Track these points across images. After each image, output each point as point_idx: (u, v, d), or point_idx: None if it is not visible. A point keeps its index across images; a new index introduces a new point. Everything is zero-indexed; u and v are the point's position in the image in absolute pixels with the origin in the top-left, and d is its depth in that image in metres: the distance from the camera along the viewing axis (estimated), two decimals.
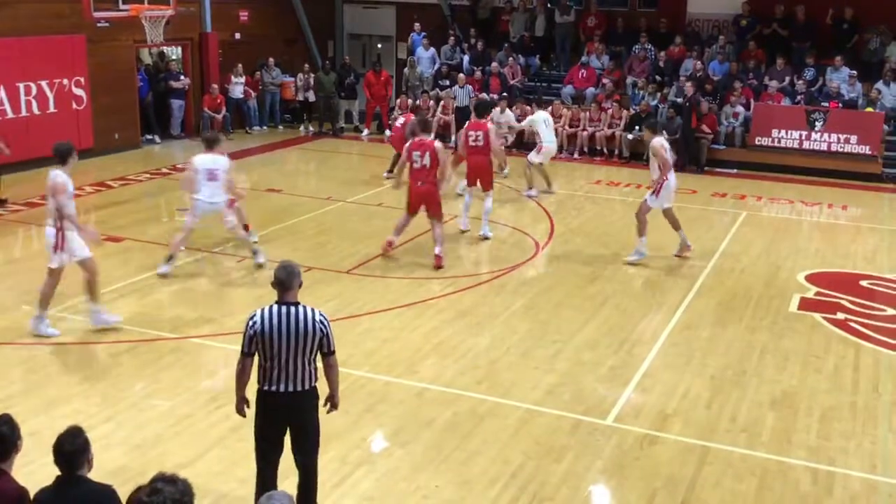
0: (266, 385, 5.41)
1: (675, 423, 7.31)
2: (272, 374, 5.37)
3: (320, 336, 5.40)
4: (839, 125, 17.43)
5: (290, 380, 5.37)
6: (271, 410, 5.47)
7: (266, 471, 5.61)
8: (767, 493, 6.34)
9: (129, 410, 7.29)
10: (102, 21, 16.28)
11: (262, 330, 5.31)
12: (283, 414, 5.48)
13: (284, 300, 5.40)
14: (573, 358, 8.54)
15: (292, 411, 5.49)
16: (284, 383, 5.37)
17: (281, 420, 5.51)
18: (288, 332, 5.31)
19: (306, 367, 5.40)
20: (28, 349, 8.44)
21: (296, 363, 5.35)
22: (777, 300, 10.32)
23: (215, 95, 19.55)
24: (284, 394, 5.39)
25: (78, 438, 4.31)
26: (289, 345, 5.31)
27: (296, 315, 5.34)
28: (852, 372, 8.46)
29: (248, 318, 5.42)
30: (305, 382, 5.42)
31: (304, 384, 5.42)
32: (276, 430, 5.54)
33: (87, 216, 13.37)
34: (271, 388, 5.39)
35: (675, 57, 19.73)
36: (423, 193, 11.15)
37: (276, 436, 5.56)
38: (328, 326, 5.46)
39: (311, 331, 5.36)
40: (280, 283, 5.41)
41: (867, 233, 13.75)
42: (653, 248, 12.27)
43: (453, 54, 21.57)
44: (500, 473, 6.46)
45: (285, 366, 5.34)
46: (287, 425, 5.54)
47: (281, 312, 5.34)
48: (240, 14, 20.82)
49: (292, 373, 5.36)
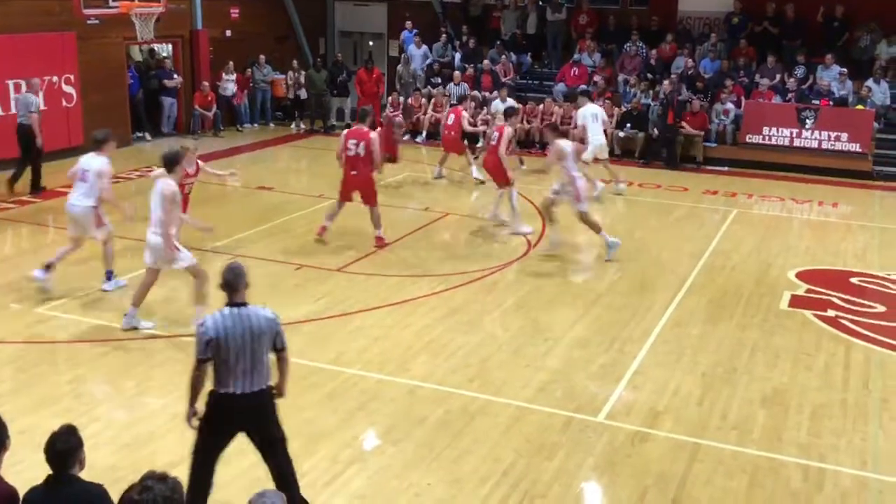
0: (222, 388, 5.34)
1: (666, 421, 7.32)
2: (228, 377, 5.31)
3: (273, 333, 5.40)
4: (830, 123, 17.48)
5: (248, 381, 5.34)
6: (228, 412, 5.40)
7: (201, 472, 5.48)
8: (758, 490, 6.36)
9: (119, 409, 7.28)
10: (92, 18, 16.22)
11: (217, 334, 5.26)
12: (240, 416, 5.42)
13: (233, 301, 5.38)
14: (564, 356, 8.55)
15: (250, 413, 5.43)
16: (241, 385, 5.33)
17: (237, 422, 5.45)
18: (242, 332, 5.28)
19: (262, 366, 5.38)
20: (17, 348, 8.41)
21: (252, 363, 5.32)
22: (768, 298, 10.34)
23: (206, 93, 19.49)
24: (242, 395, 5.34)
25: (71, 437, 4.29)
26: (244, 345, 5.28)
27: (248, 315, 5.33)
28: (843, 369, 8.48)
29: (197, 325, 5.38)
30: (262, 382, 5.41)
31: (261, 384, 5.41)
32: (230, 432, 5.49)
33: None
34: (228, 390, 5.33)
35: (667, 55, 19.77)
36: (355, 181, 11.42)
37: (226, 438, 5.50)
38: (279, 323, 5.46)
39: (265, 329, 5.36)
40: (227, 284, 5.39)
41: (857, 230, 13.79)
42: (645, 246, 12.30)
43: (445, 52, 21.57)
44: (492, 471, 6.46)
45: (242, 367, 5.30)
46: (242, 428, 5.47)
47: (233, 314, 5.32)
48: (231, 11, 20.77)
49: (249, 373, 5.33)
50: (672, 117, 17.65)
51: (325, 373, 7.99)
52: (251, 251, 11.40)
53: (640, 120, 18.26)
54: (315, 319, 9.26)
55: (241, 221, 12.71)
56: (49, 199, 13.64)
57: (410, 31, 21.73)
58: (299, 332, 8.94)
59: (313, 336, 8.85)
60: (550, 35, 21.20)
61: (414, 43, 21.33)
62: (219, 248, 11.47)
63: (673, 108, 17.73)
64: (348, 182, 11.56)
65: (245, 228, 12.34)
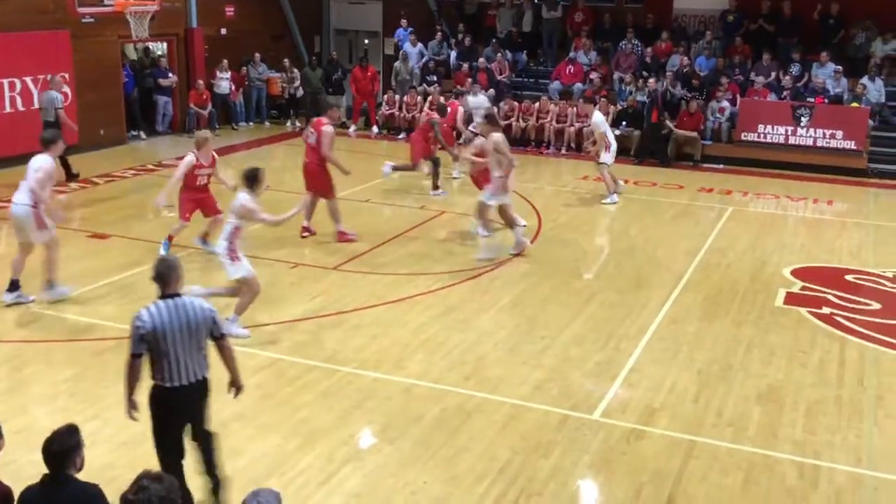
0: (168, 381, 5.39)
1: (661, 418, 7.33)
2: (172, 370, 5.37)
3: (210, 322, 5.45)
4: (825, 120, 17.50)
5: (191, 371, 5.42)
6: (177, 405, 5.48)
7: (175, 464, 5.55)
8: (753, 487, 6.37)
9: (114, 408, 7.22)
10: (87, 16, 16.17)
11: (154, 327, 5.30)
12: (187, 406, 5.53)
13: (166, 294, 5.42)
14: (560, 353, 8.56)
15: (194, 402, 5.54)
16: (186, 376, 5.41)
17: (186, 413, 5.55)
18: (180, 323, 5.34)
19: (201, 356, 5.47)
20: (12, 347, 8.39)
21: (193, 353, 5.40)
22: (763, 295, 10.36)
23: (201, 91, 19.46)
24: (187, 386, 5.43)
25: (70, 438, 4.30)
26: (183, 336, 5.34)
27: (183, 306, 5.39)
28: (838, 366, 8.50)
29: (133, 319, 5.38)
30: (203, 371, 5.50)
31: (202, 373, 5.50)
32: (182, 423, 5.58)
33: (73, 212, 13.32)
34: (175, 383, 5.39)
35: (662, 53, 19.78)
36: (305, 170, 11.85)
37: (181, 429, 5.59)
38: (215, 311, 5.52)
39: (202, 318, 5.41)
40: (160, 277, 5.45)
41: (852, 228, 13.82)
42: (640, 244, 12.32)
43: (440, 50, 21.56)
44: (488, 469, 6.46)
45: (184, 358, 5.37)
46: (190, 417, 5.59)
47: (168, 306, 5.36)
48: (226, 9, 20.73)
49: (192, 364, 5.41)
50: (657, 115, 17.72)
51: (320, 371, 7.99)
52: (247, 250, 11.32)
53: (636, 118, 18.28)
54: (311, 318, 9.26)
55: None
56: None
57: (405, 29, 21.72)
58: (295, 330, 8.94)
59: (309, 334, 8.85)
60: (546, 33, 21.19)
61: (409, 41, 21.31)
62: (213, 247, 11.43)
63: (658, 105, 17.81)
64: (303, 171, 11.94)
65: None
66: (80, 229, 12.16)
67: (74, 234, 11.79)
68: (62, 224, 9.45)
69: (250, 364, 8.10)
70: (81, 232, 12.02)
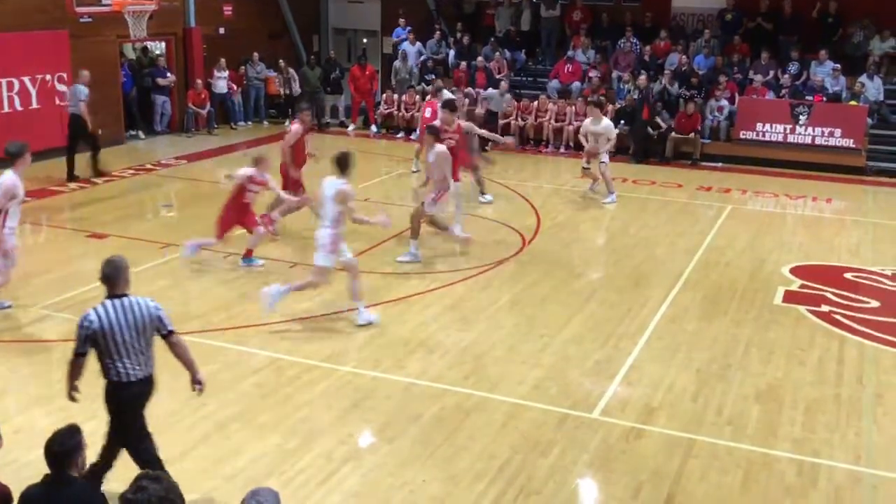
0: (122, 378, 5.51)
1: (660, 417, 7.33)
2: (124, 367, 5.48)
3: (157, 319, 5.56)
4: (823, 119, 17.51)
5: (142, 366, 5.55)
6: (134, 400, 5.60)
7: (148, 449, 5.67)
8: (753, 486, 6.37)
9: None
10: (85, 16, 16.18)
11: (103, 326, 5.41)
12: (141, 400, 5.65)
13: (114, 294, 5.53)
14: (559, 352, 8.56)
15: (141, 396, 5.65)
16: (135, 371, 5.52)
17: (140, 407, 5.67)
18: (128, 322, 5.46)
19: (149, 353, 5.60)
20: (10, 347, 8.38)
21: (141, 350, 5.52)
22: (762, 293, 10.36)
23: (199, 91, 19.45)
24: (139, 381, 5.55)
25: (72, 438, 4.31)
26: (132, 334, 5.46)
27: (130, 305, 5.52)
28: (836, 364, 8.50)
29: (81, 319, 5.46)
30: (149, 369, 5.62)
31: (149, 370, 5.62)
32: (134, 414, 5.67)
33: (73, 212, 13.33)
34: (129, 379, 5.51)
35: (661, 51, 19.77)
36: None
37: (142, 418, 5.69)
38: (161, 309, 5.63)
39: (148, 316, 5.52)
40: (107, 277, 5.57)
41: (851, 226, 13.83)
42: (639, 243, 12.33)
43: (439, 49, 21.55)
44: (487, 468, 6.46)
45: (134, 355, 5.49)
46: (140, 409, 5.69)
47: (115, 306, 5.49)
48: (224, 8, 20.71)
49: (142, 360, 5.54)
50: (648, 112, 17.74)
51: (319, 370, 7.99)
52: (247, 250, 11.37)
53: (634, 116, 18.27)
54: (310, 317, 9.25)
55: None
56: (45, 198, 13.61)
57: (403, 28, 21.71)
58: (294, 329, 8.94)
59: (308, 333, 8.85)
60: (544, 32, 21.19)
61: (408, 40, 21.30)
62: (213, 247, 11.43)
63: (649, 103, 17.83)
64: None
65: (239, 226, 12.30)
66: (79, 229, 12.16)
67: (73, 234, 11.79)
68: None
69: (249, 363, 8.11)
70: (80, 232, 12.02)
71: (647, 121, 17.81)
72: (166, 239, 11.61)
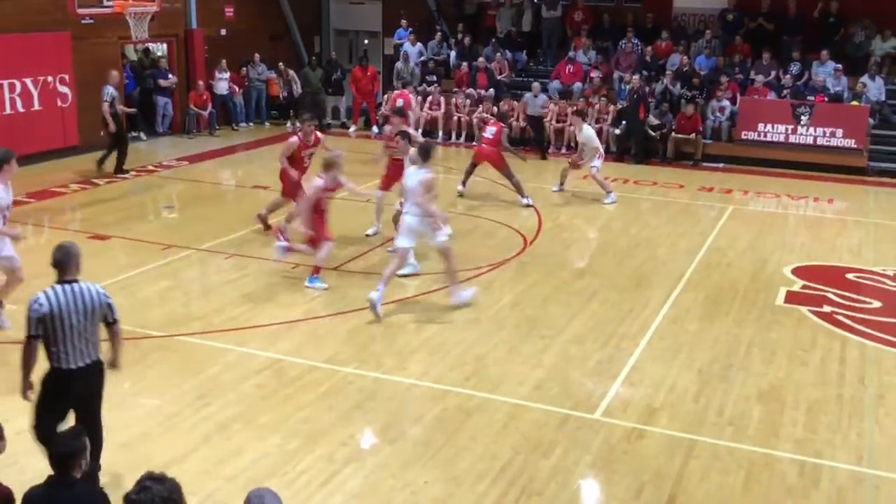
0: (62, 364, 5.57)
1: (662, 417, 7.33)
2: (64, 353, 5.55)
3: (105, 307, 5.65)
4: (825, 119, 17.50)
5: (84, 354, 5.60)
6: (67, 387, 5.64)
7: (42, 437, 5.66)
8: (754, 486, 6.37)
9: (115, 409, 7.21)
10: (87, 18, 16.18)
11: (52, 311, 5.48)
12: (77, 389, 5.68)
13: (63, 279, 5.59)
14: (561, 353, 8.56)
15: (85, 384, 5.71)
16: (77, 359, 5.58)
17: (73, 395, 5.70)
18: (76, 307, 5.53)
19: (95, 340, 5.68)
20: (11, 348, 8.37)
21: (86, 337, 5.59)
22: (763, 294, 10.35)
23: (201, 92, 19.47)
24: (79, 370, 5.60)
25: (76, 440, 4.33)
26: (79, 320, 5.53)
27: (80, 291, 5.58)
28: (838, 365, 8.50)
29: (30, 302, 5.55)
30: (94, 355, 5.69)
31: (95, 356, 5.69)
32: (68, 405, 5.73)
33: (74, 213, 13.34)
34: (69, 366, 5.57)
35: (662, 52, 19.77)
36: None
37: (65, 410, 5.73)
38: (109, 297, 5.70)
39: (98, 303, 5.61)
40: (58, 263, 5.64)
41: (853, 226, 13.82)
42: (641, 243, 12.32)
43: (440, 50, 21.56)
44: (489, 469, 6.46)
45: (78, 342, 5.56)
46: (77, 400, 5.74)
47: (66, 291, 5.55)
48: (225, 10, 20.73)
49: (85, 347, 5.60)
50: (644, 112, 17.77)
51: (321, 371, 7.99)
52: (247, 250, 11.39)
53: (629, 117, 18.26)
54: (311, 318, 9.26)
55: (237, 220, 12.71)
56: (46, 200, 13.62)
57: (405, 29, 21.72)
58: (296, 330, 8.94)
59: (309, 335, 8.85)
60: (545, 32, 21.19)
61: (409, 41, 21.32)
62: (214, 248, 11.46)
63: (645, 103, 17.86)
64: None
65: (241, 227, 12.33)
66: (80, 230, 12.16)
67: (74, 236, 11.77)
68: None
69: (251, 364, 8.11)
70: (82, 233, 12.01)
71: (643, 121, 17.81)
72: (168, 240, 11.63)
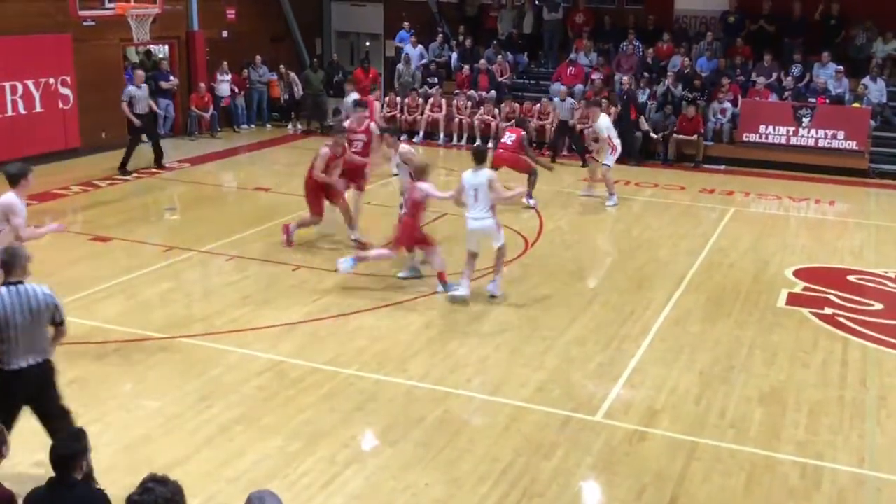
0: (7, 365, 5.61)
1: (663, 419, 7.33)
2: (12, 354, 5.59)
3: (52, 308, 5.72)
4: (826, 121, 17.49)
5: (32, 354, 5.65)
6: (14, 388, 5.67)
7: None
8: (756, 488, 6.37)
9: (117, 411, 7.26)
10: (88, 20, 16.18)
11: None
12: (26, 388, 5.71)
13: (10, 281, 5.65)
14: (562, 355, 8.55)
15: (35, 384, 5.73)
16: (26, 359, 5.63)
17: (22, 395, 5.72)
18: (22, 308, 5.58)
19: (43, 339, 5.74)
20: None
21: (34, 337, 5.64)
22: (765, 295, 10.35)
23: (203, 94, 19.48)
24: (27, 369, 5.64)
25: (78, 442, 4.33)
26: (25, 320, 5.57)
27: (25, 292, 5.64)
28: (840, 367, 8.49)
29: None
30: (43, 355, 5.73)
31: (42, 356, 5.72)
32: (17, 404, 5.74)
33: (76, 215, 13.34)
34: (13, 366, 5.61)
35: (663, 54, 19.78)
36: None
37: (14, 409, 5.74)
38: (56, 298, 5.75)
39: (44, 304, 5.67)
40: (4, 264, 5.71)
41: (854, 228, 13.82)
42: (642, 245, 12.33)
43: (441, 52, 21.57)
44: (490, 471, 6.46)
45: (25, 342, 5.61)
46: (27, 402, 5.75)
47: (11, 292, 5.61)
48: (227, 12, 20.74)
49: (32, 347, 5.64)
50: (635, 113, 17.79)
51: (322, 373, 7.99)
52: (248, 252, 11.40)
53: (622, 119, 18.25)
54: (313, 320, 9.26)
55: (238, 222, 12.72)
56: (47, 201, 13.63)
57: (407, 32, 21.74)
58: (297, 332, 8.94)
59: (311, 337, 8.85)
60: (547, 34, 21.19)
61: (410, 43, 21.33)
62: (216, 249, 11.46)
63: (636, 105, 17.87)
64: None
65: (242, 229, 12.34)
66: (81, 232, 12.17)
67: (76, 237, 11.80)
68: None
69: (252, 366, 8.11)
70: (83, 235, 12.03)
71: (634, 121, 17.82)
72: (169, 242, 11.63)
